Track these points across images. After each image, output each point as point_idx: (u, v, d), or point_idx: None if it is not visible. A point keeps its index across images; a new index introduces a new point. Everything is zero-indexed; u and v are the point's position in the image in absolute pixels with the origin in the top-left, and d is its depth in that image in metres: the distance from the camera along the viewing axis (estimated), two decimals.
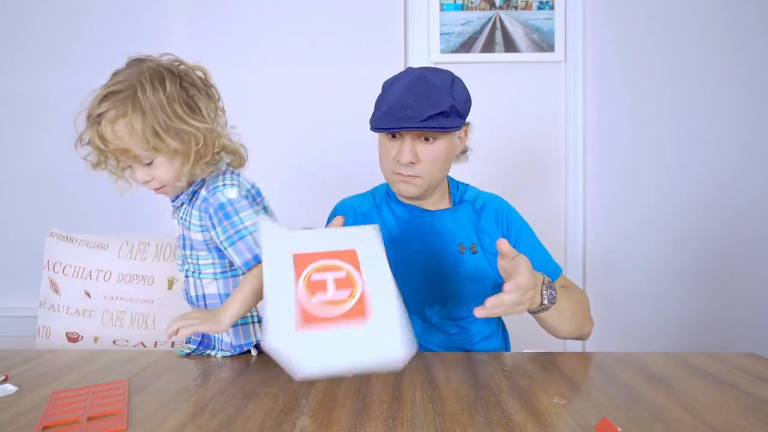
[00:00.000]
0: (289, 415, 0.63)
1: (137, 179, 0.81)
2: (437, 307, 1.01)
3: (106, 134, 0.75)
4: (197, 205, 0.84)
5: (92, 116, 0.76)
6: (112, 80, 0.79)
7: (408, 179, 0.96)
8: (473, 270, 1.01)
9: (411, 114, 0.89)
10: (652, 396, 0.69)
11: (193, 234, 0.85)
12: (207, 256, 0.87)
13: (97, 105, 0.76)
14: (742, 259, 1.72)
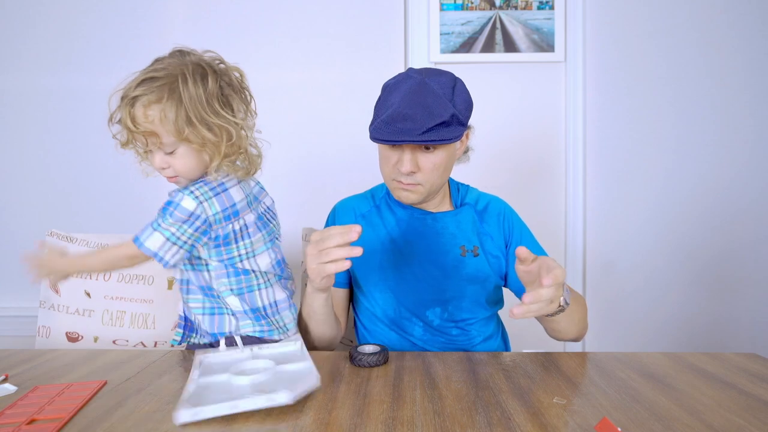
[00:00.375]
0: (289, 415, 0.63)
1: (154, 164, 0.84)
2: (438, 310, 1.01)
3: (138, 116, 0.78)
4: None
5: (127, 97, 0.78)
6: (153, 66, 0.81)
7: (408, 187, 0.95)
8: (475, 272, 1.01)
9: (410, 126, 0.87)
10: (652, 396, 0.69)
11: None
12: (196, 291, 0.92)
13: (133, 87, 0.78)
14: (742, 259, 1.72)
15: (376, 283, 1.02)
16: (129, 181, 1.73)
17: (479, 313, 1.02)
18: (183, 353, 0.91)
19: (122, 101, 0.79)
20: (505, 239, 1.05)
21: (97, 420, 0.62)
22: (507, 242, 1.05)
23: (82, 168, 1.73)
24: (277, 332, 0.93)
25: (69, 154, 1.73)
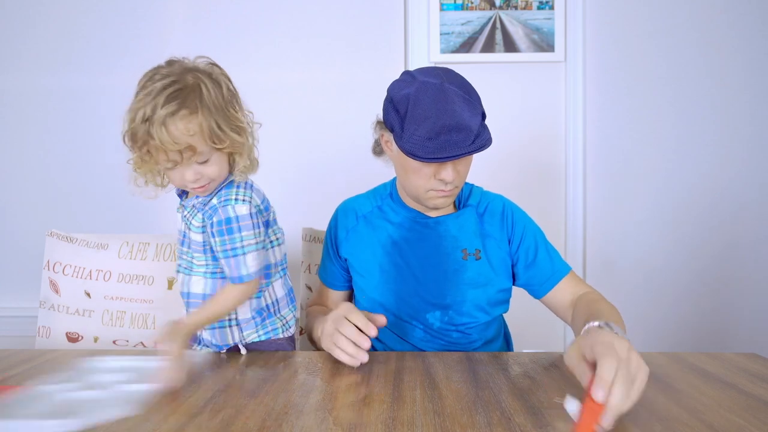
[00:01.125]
0: (289, 415, 0.63)
1: (185, 178, 0.79)
2: (438, 313, 1.00)
3: (177, 132, 0.74)
4: (204, 210, 0.85)
5: (158, 116, 0.73)
6: (164, 80, 0.77)
7: (449, 193, 0.94)
8: (476, 276, 1.00)
9: (459, 137, 0.85)
10: (652, 396, 0.69)
11: (192, 234, 0.87)
12: (201, 257, 0.89)
13: (162, 105, 0.74)
14: (742, 259, 1.73)
15: (377, 286, 1.02)
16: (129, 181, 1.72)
17: (480, 317, 1.01)
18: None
19: (149, 122, 0.73)
20: (509, 237, 1.03)
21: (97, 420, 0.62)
22: (510, 240, 1.03)
23: (82, 168, 1.73)
24: (282, 330, 0.93)
25: (69, 154, 1.73)
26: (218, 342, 0.91)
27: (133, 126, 0.75)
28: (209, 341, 0.91)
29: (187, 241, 0.89)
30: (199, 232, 0.86)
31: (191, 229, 0.86)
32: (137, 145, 0.77)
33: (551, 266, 1.01)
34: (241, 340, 0.91)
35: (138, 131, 0.74)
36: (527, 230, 1.04)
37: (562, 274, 1.01)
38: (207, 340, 0.92)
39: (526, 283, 1.04)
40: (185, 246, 0.90)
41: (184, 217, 0.89)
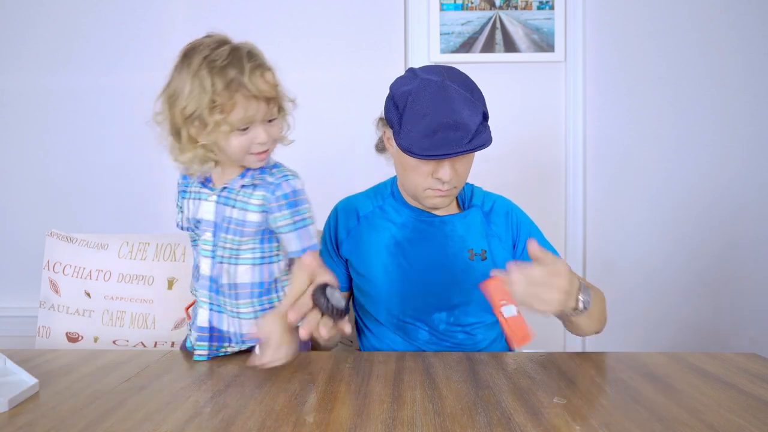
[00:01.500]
0: (289, 415, 0.63)
1: (257, 139, 0.80)
2: (444, 314, 0.99)
3: (264, 83, 0.79)
4: (262, 187, 0.85)
5: (248, 68, 0.78)
6: (224, 46, 0.79)
7: (446, 193, 0.94)
8: (483, 277, 0.99)
9: (456, 135, 0.85)
10: (652, 396, 0.69)
11: (249, 215, 0.84)
12: (252, 241, 0.86)
13: (247, 60, 0.79)
14: (742, 259, 1.73)
15: (380, 287, 1.01)
16: (129, 181, 1.73)
17: (486, 317, 1.00)
18: (183, 353, 0.91)
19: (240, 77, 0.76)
20: (513, 239, 1.03)
21: (96, 420, 0.62)
22: (515, 241, 1.03)
23: (82, 168, 1.73)
24: None
25: (69, 154, 1.73)
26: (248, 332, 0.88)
27: (215, 87, 0.76)
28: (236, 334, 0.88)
29: (233, 228, 0.85)
30: (257, 212, 0.84)
31: (248, 209, 0.84)
32: (216, 109, 0.77)
33: None
34: (226, 352, 0.89)
35: (225, 88, 0.76)
36: (531, 232, 1.05)
37: None
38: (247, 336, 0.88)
39: None
40: (228, 233, 0.85)
41: (232, 201, 0.85)
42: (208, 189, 0.87)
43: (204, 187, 0.87)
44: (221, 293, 0.87)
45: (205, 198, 0.86)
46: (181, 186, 0.93)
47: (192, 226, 0.90)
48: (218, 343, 0.88)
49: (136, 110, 1.72)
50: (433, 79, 0.89)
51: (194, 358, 0.86)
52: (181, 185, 0.93)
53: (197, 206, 0.87)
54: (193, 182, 0.89)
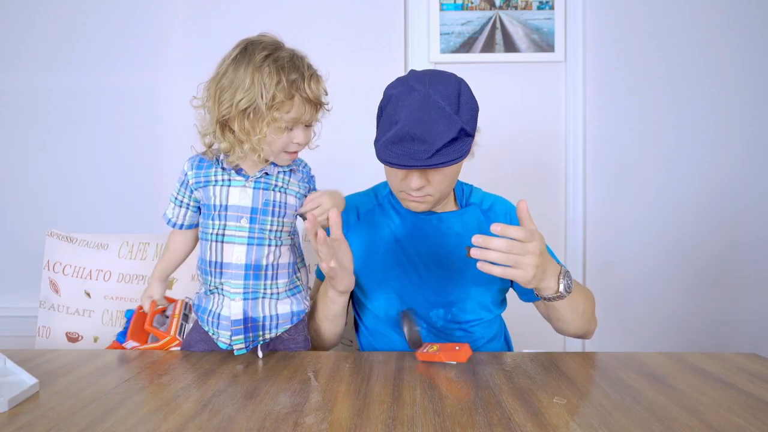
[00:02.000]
0: (289, 415, 0.63)
1: (298, 139, 0.86)
2: (442, 311, 1.00)
3: (317, 89, 0.85)
4: (297, 175, 0.92)
5: (306, 75, 0.84)
6: (282, 51, 0.85)
7: (418, 199, 0.94)
8: (480, 274, 0.99)
9: (418, 147, 0.85)
10: (652, 396, 0.69)
11: (289, 198, 0.90)
12: (290, 222, 0.92)
13: (307, 66, 0.86)
14: (742, 259, 1.73)
15: (379, 284, 1.02)
16: (129, 181, 1.73)
17: (483, 315, 1.01)
18: (183, 353, 0.91)
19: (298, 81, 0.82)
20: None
21: (97, 420, 0.62)
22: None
23: (82, 168, 1.73)
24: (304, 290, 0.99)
25: (69, 154, 1.73)
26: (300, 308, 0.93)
27: (278, 87, 0.80)
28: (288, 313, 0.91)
29: (276, 210, 0.89)
30: (295, 196, 0.91)
31: (287, 193, 0.90)
32: (274, 107, 0.81)
33: None
34: (264, 340, 0.90)
35: (284, 89, 0.81)
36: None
37: None
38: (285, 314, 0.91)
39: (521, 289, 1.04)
40: (273, 216, 0.88)
41: (273, 186, 0.89)
42: (241, 176, 0.87)
43: (238, 174, 0.87)
44: (260, 277, 0.88)
45: (238, 185, 0.87)
46: (194, 177, 0.89)
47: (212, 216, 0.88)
48: (253, 333, 0.88)
49: (136, 110, 1.74)
50: (417, 87, 0.88)
51: (236, 353, 0.88)
52: (191, 177, 0.89)
53: (227, 193, 0.87)
54: (216, 171, 0.88)
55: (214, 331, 0.89)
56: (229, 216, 0.87)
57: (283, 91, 0.80)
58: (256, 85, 0.80)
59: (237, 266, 0.87)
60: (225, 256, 0.87)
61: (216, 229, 0.87)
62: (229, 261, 0.87)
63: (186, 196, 0.91)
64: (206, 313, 0.91)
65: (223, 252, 0.87)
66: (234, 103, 0.80)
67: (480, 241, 0.75)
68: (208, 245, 0.89)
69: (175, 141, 1.72)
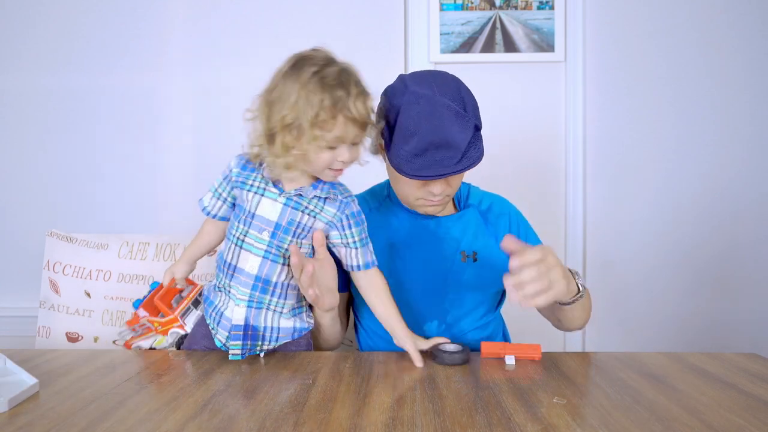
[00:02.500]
0: (289, 415, 0.63)
1: (341, 157, 0.83)
2: (436, 322, 0.99)
3: (364, 109, 0.82)
4: (333, 202, 0.88)
5: (353, 94, 0.80)
6: (334, 66, 0.83)
7: (438, 202, 0.94)
8: (474, 279, 0.99)
9: (444, 155, 0.85)
10: (652, 396, 0.69)
11: (317, 224, 0.88)
12: (308, 244, 0.90)
13: (355, 84, 0.82)
14: (742, 259, 1.73)
15: None
16: (129, 181, 1.73)
17: (477, 320, 1.01)
18: (184, 353, 0.91)
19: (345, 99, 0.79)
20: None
21: (97, 420, 0.62)
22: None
23: (82, 168, 1.73)
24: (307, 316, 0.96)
25: (69, 154, 1.73)
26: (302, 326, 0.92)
27: (323, 104, 0.78)
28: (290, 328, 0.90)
29: (298, 232, 0.87)
30: (325, 223, 0.88)
31: (317, 218, 0.88)
32: (317, 125, 0.79)
33: None
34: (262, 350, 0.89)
35: (329, 107, 0.78)
36: (529, 238, 1.05)
37: None
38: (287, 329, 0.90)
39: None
40: (295, 236, 0.87)
41: (303, 207, 0.87)
42: (276, 189, 0.86)
43: (274, 186, 0.87)
44: (267, 292, 0.87)
45: (271, 197, 0.86)
46: (237, 176, 0.90)
47: (240, 219, 0.88)
48: (252, 342, 0.87)
49: (136, 110, 1.73)
50: (422, 92, 0.87)
51: (230, 357, 0.86)
52: (234, 174, 0.90)
53: (258, 201, 0.87)
54: (255, 176, 0.88)
55: (214, 327, 0.90)
56: (253, 224, 0.86)
57: (326, 109, 0.78)
58: (300, 102, 0.79)
59: (248, 275, 0.86)
60: (240, 262, 0.87)
61: (239, 232, 0.87)
62: (242, 267, 0.87)
63: (225, 190, 0.93)
64: (211, 306, 0.91)
65: (239, 257, 0.87)
66: (280, 118, 0.80)
67: (513, 281, 0.74)
68: (229, 245, 0.89)
69: (175, 141, 1.72)
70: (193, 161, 1.71)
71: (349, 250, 0.91)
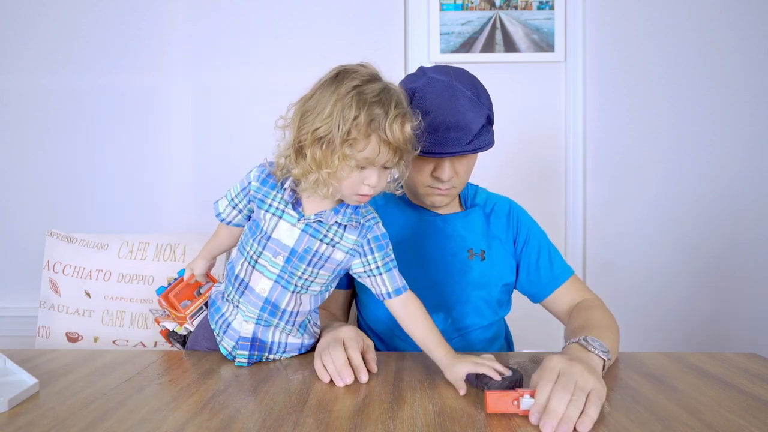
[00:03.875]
0: (289, 415, 0.63)
1: (369, 181, 0.77)
2: (442, 315, 0.99)
3: (401, 133, 0.76)
4: (354, 228, 0.83)
5: (391, 115, 0.74)
6: (375, 83, 0.76)
7: (445, 192, 0.94)
8: (480, 277, 0.99)
9: (457, 135, 0.86)
10: (652, 396, 0.69)
11: (336, 254, 0.83)
12: (326, 275, 0.85)
13: (395, 105, 0.75)
14: (742, 259, 1.73)
15: None
16: (129, 181, 1.73)
17: (482, 319, 1.00)
18: (184, 353, 0.91)
19: (380, 112, 0.74)
20: (514, 239, 1.03)
21: (97, 420, 0.62)
22: (515, 241, 1.03)
23: (82, 168, 1.73)
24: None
25: (69, 154, 1.73)
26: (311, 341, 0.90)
27: (357, 121, 0.73)
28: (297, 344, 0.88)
29: (315, 261, 0.82)
30: (344, 252, 0.83)
31: (336, 247, 0.82)
32: (348, 142, 0.74)
33: (550, 273, 1.01)
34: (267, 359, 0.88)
35: (362, 126, 0.73)
36: (531, 234, 1.04)
37: (561, 281, 1.01)
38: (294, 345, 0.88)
39: (524, 288, 1.04)
40: (310, 265, 0.82)
41: (321, 235, 0.82)
42: (296, 212, 0.81)
43: (293, 209, 0.82)
44: (275, 315, 0.85)
45: (289, 221, 0.81)
46: (256, 191, 0.85)
47: (256, 237, 0.84)
48: (259, 352, 0.86)
49: (136, 110, 1.73)
50: (440, 78, 0.90)
51: (236, 363, 0.85)
52: (254, 189, 0.85)
53: (275, 224, 0.82)
54: (275, 196, 0.83)
55: (220, 335, 0.88)
56: (268, 246, 0.82)
57: (358, 127, 0.73)
58: (335, 116, 0.73)
59: (258, 296, 0.84)
60: (252, 281, 0.84)
61: (253, 251, 0.83)
62: (253, 287, 0.84)
63: (242, 201, 0.88)
64: (218, 313, 0.89)
65: (251, 276, 0.84)
66: (312, 129, 0.75)
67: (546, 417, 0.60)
68: (241, 260, 0.86)
69: (175, 141, 1.72)
70: (193, 161, 1.71)
71: (374, 278, 0.84)
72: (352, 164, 0.74)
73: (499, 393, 0.63)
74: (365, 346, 0.81)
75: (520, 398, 0.62)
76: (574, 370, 0.62)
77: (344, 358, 0.75)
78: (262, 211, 0.83)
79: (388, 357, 0.87)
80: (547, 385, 0.61)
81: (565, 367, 0.62)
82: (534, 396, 0.61)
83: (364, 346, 0.81)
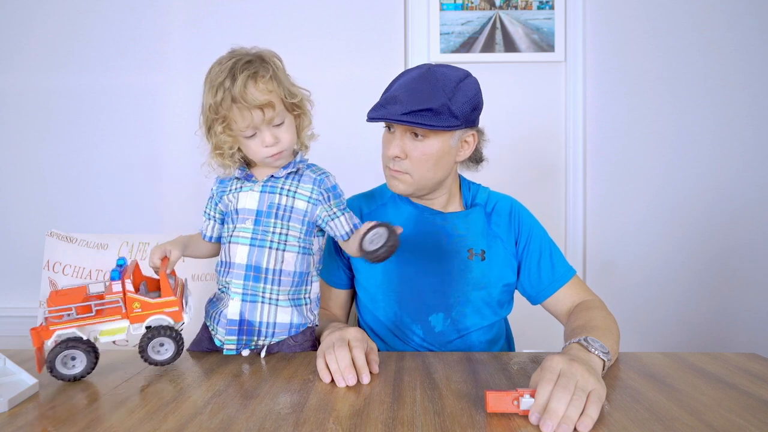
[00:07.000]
0: (289, 416, 0.63)
1: (265, 141, 0.85)
2: (441, 315, 0.99)
3: (256, 91, 0.82)
4: (308, 179, 0.90)
5: (240, 80, 0.81)
6: (234, 58, 0.83)
7: (396, 174, 0.95)
8: (481, 277, 0.99)
9: (393, 106, 0.89)
10: (652, 396, 0.69)
11: (297, 203, 0.89)
12: (297, 228, 0.89)
13: (241, 70, 0.81)
14: (742, 259, 1.73)
15: (379, 286, 1.01)
16: (129, 181, 1.73)
17: (483, 320, 1.00)
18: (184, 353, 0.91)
19: (232, 88, 0.80)
20: (515, 238, 1.03)
21: (97, 420, 0.62)
22: (516, 241, 1.03)
23: (82, 168, 1.73)
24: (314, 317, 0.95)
25: (69, 154, 1.73)
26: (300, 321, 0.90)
27: (215, 100, 0.82)
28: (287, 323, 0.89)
29: (281, 213, 0.88)
30: (305, 201, 0.89)
31: (296, 197, 0.89)
32: (218, 120, 0.83)
33: (551, 274, 1.01)
34: (257, 346, 0.89)
35: (221, 102, 0.81)
36: (533, 234, 1.03)
37: (562, 282, 1.00)
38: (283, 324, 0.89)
39: (524, 289, 1.04)
40: (278, 218, 0.88)
41: (279, 189, 0.89)
42: (250, 182, 0.90)
43: (247, 181, 0.90)
44: (259, 280, 0.88)
45: (247, 189, 0.89)
46: (218, 191, 0.94)
47: (228, 221, 0.91)
48: (247, 336, 0.88)
49: (136, 110, 1.73)
50: (425, 66, 0.94)
51: (225, 352, 0.88)
52: (217, 190, 0.95)
53: (237, 198, 0.90)
54: (232, 181, 0.92)
55: (214, 327, 0.90)
56: (238, 219, 0.89)
57: (220, 106, 0.82)
58: (205, 104, 0.84)
59: (239, 266, 0.88)
60: (231, 256, 0.89)
61: (229, 231, 0.90)
62: (234, 261, 0.88)
63: (212, 209, 0.95)
64: (214, 308, 0.92)
65: (230, 252, 0.89)
66: (203, 123, 0.86)
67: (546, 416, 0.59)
68: (223, 248, 0.92)
69: (175, 141, 1.72)
70: (193, 161, 1.70)
71: (336, 221, 0.91)
72: (240, 136, 0.84)
73: (499, 393, 0.63)
74: (369, 347, 0.81)
75: (520, 398, 0.62)
76: (574, 371, 0.62)
77: (349, 359, 0.75)
78: (225, 197, 0.92)
79: (388, 357, 0.87)
80: (547, 386, 0.61)
81: (565, 367, 0.62)
82: (534, 396, 0.61)
83: (368, 348, 0.81)
